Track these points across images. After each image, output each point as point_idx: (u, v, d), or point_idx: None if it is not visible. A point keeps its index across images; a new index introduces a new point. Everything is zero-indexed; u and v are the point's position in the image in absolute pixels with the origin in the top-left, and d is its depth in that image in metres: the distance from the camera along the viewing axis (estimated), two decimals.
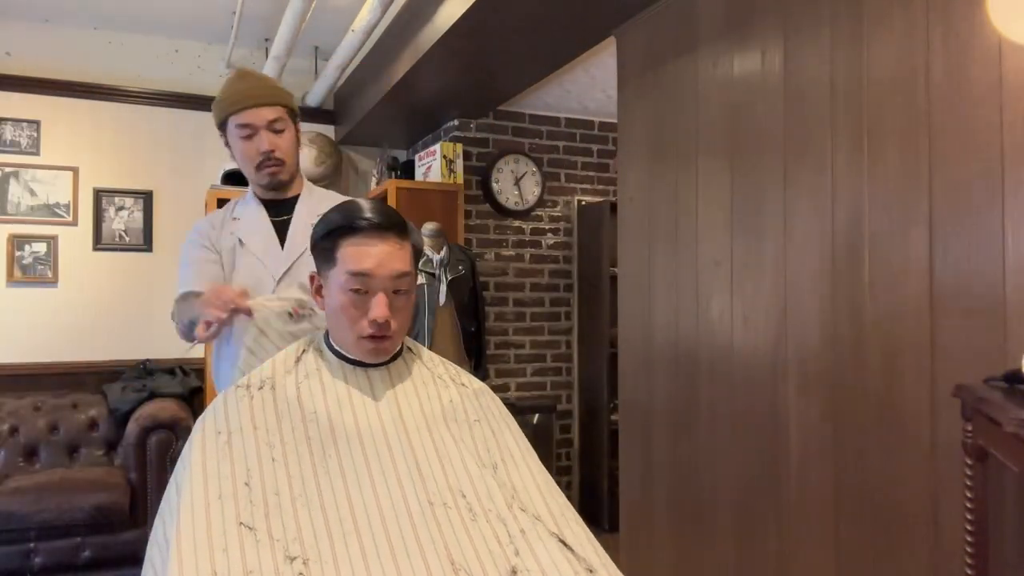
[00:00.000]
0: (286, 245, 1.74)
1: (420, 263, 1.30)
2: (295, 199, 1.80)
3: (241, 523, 1.02)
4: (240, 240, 1.74)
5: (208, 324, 1.38)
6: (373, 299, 1.19)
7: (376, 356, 1.24)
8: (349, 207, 1.24)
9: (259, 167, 1.69)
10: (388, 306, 1.19)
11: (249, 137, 1.67)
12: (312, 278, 1.28)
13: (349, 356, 1.25)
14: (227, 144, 1.74)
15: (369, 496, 1.08)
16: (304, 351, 1.28)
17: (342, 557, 1.00)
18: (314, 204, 1.76)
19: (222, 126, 1.72)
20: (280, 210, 1.78)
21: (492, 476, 1.17)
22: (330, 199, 1.76)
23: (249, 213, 1.77)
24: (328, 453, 1.12)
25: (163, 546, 1.05)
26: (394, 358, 1.29)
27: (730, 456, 2.11)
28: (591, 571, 1.08)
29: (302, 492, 1.07)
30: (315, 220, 1.32)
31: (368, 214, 1.20)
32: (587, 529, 1.17)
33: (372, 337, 1.20)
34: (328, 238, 1.22)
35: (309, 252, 1.31)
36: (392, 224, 1.21)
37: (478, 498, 1.13)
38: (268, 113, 1.67)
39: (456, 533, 1.07)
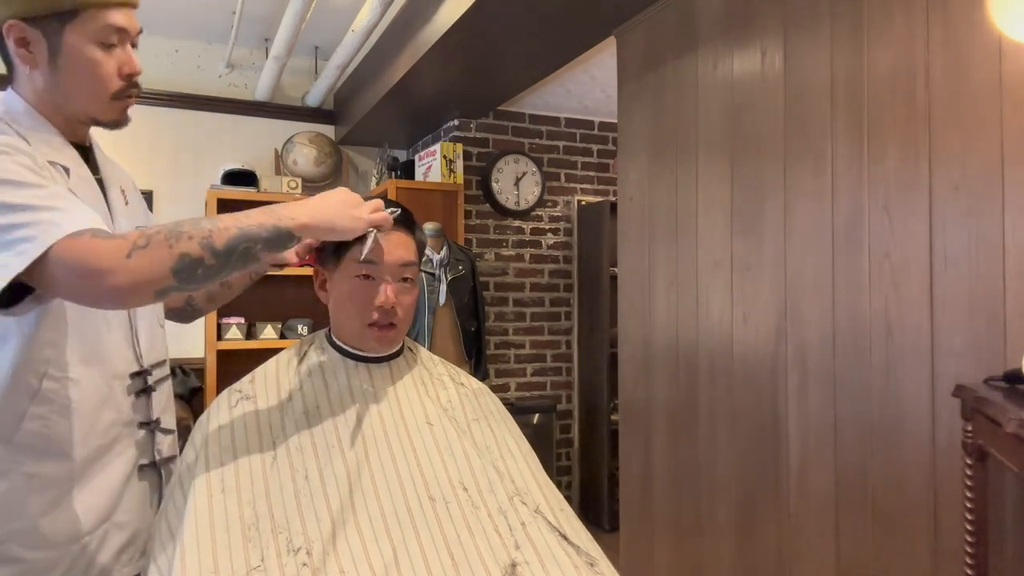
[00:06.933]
0: (115, 224, 1.22)
1: (420, 262, 1.31)
2: (91, 149, 1.27)
3: (243, 518, 1.03)
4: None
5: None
6: (379, 286, 1.20)
7: (381, 344, 1.25)
8: None
9: (118, 95, 1.20)
10: (395, 293, 1.21)
11: (111, 48, 1.15)
12: (316, 273, 1.29)
13: (352, 351, 1.26)
14: (48, 51, 1.11)
15: (369, 489, 1.09)
16: (306, 351, 1.29)
17: (343, 549, 1.02)
18: (116, 174, 1.32)
19: (49, 18, 1.09)
20: (89, 164, 1.23)
21: (493, 469, 1.18)
22: (112, 166, 1.33)
23: (67, 159, 1.17)
24: (331, 446, 1.13)
25: (167, 542, 1.06)
26: (395, 356, 1.29)
27: (730, 456, 2.11)
28: (592, 564, 1.08)
29: (304, 486, 1.08)
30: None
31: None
32: (584, 528, 1.18)
33: (378, 325, 1.21)
34: None
35: None
36: (400, 219, 1.23)
37: (479, 491, 1.14)
38: (136, 22, 1.18)
39: (456, 527, 1.08)
